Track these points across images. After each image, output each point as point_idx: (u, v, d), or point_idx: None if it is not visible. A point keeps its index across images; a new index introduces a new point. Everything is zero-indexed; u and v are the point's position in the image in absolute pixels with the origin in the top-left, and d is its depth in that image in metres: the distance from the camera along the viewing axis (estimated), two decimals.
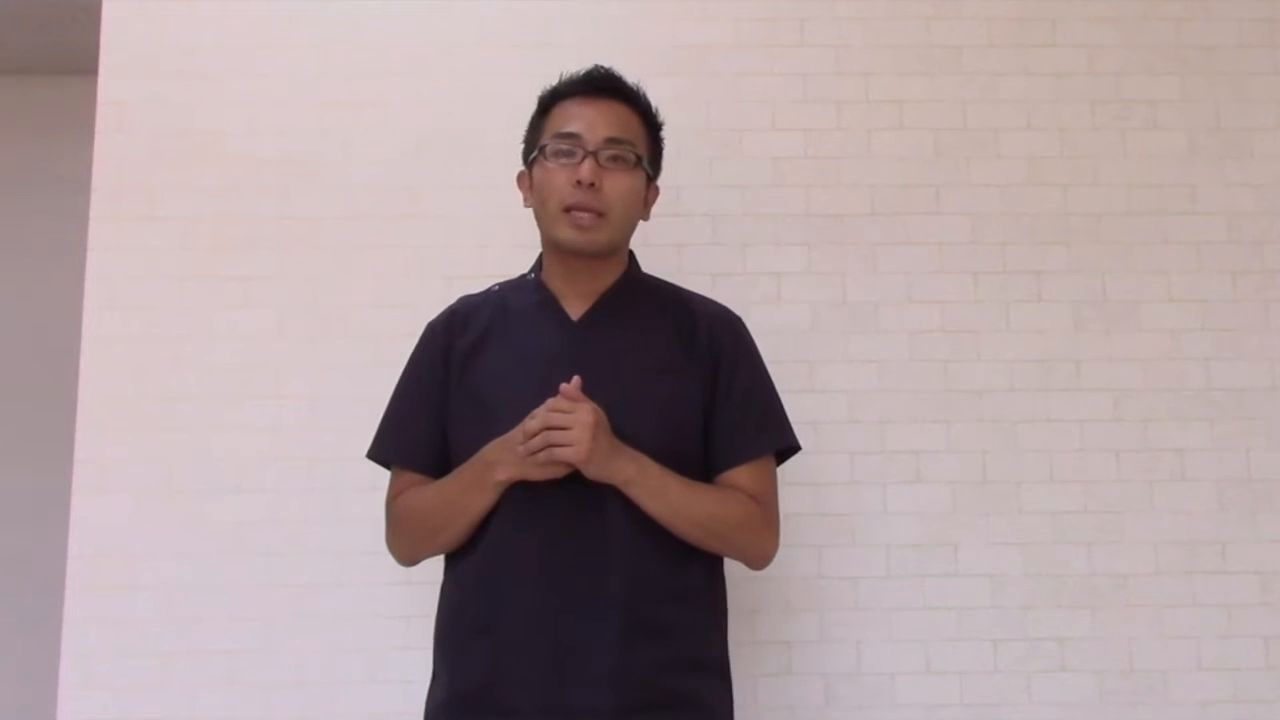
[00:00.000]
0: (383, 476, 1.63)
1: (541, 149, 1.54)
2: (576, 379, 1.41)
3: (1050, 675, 1.94)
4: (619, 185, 1.50)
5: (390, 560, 1.62)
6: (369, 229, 2.04)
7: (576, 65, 1.61)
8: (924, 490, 1.99)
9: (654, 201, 1.62)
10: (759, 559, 1.57)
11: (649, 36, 2.10)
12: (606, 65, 1.59)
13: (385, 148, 2.07)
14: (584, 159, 1.49)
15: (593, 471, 1.41)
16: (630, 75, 1.60)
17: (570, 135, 1.51)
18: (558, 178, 1.50)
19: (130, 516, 1.94)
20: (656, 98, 1.61)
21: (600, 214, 1.49)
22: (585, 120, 1.51)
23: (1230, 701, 1.94)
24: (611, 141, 1.50)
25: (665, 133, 1.63)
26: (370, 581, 1.93)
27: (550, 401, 1.41)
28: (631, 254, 1.63)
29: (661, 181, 1.63)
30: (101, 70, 2.07)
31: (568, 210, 1.50)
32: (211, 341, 2.00)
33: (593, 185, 1.48)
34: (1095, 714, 1.93)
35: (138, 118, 2.06)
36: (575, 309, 1.55)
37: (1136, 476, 2.00)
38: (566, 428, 1.38)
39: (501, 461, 1.43)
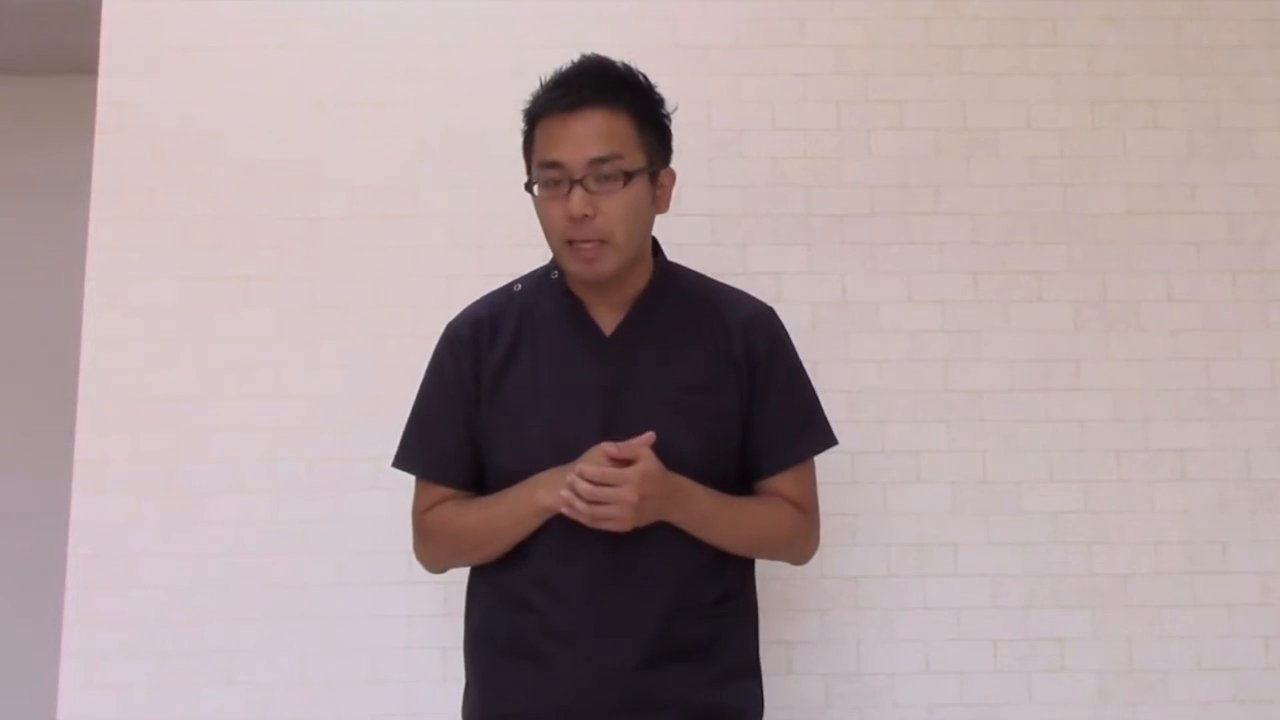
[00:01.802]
0: (384, 475, 1.63)
1: (533, 183, 1.47)
2: (645, 438, 1.37)
3: (1050, 675, 1.94)
4: (614, 207, 1.41)
5: (391, 560, 1.62)
6: (369, 229, 2.04)
7: None
8: (924, 490, 1.99)
9: (672, 186, 1.53)
10: (801, 561, 1.62)
11: (649, 36, 2.10)
12: (581, 59, 1.50)
13: (385, 148, 2.06)
14: (571, 189, 1.40)
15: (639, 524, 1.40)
16: None
17: (553, 164, 1.42)
18: (552, 211, 1.43)
19: (130, 516, 1.94)
20: None
21: (602, 241, 1.42)
22: (566, 144, 1.41)
23: (1230, 701, 1.94)
24: (596, 162, 1.40)
25: None
26: (370, 581, 1.93)
27: (600, 471, 1.35)
28: (657, 246, 1.58)
29: None
30: (101, 70, 2.07)
31: (570, 243, 1.43)
32: (211, 341, 2.00)
33: (586, 216, 1.40)
34: (1095, 714, 1.93)
35: (138, 118, 2.06)
36: (606, 320, 1.50)
37: (1136, 476, 2.00)
38: (608, 502, 1.35)
39: (551, 486, 1.40)
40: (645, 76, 1.50)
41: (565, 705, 1.40)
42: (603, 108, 1.43)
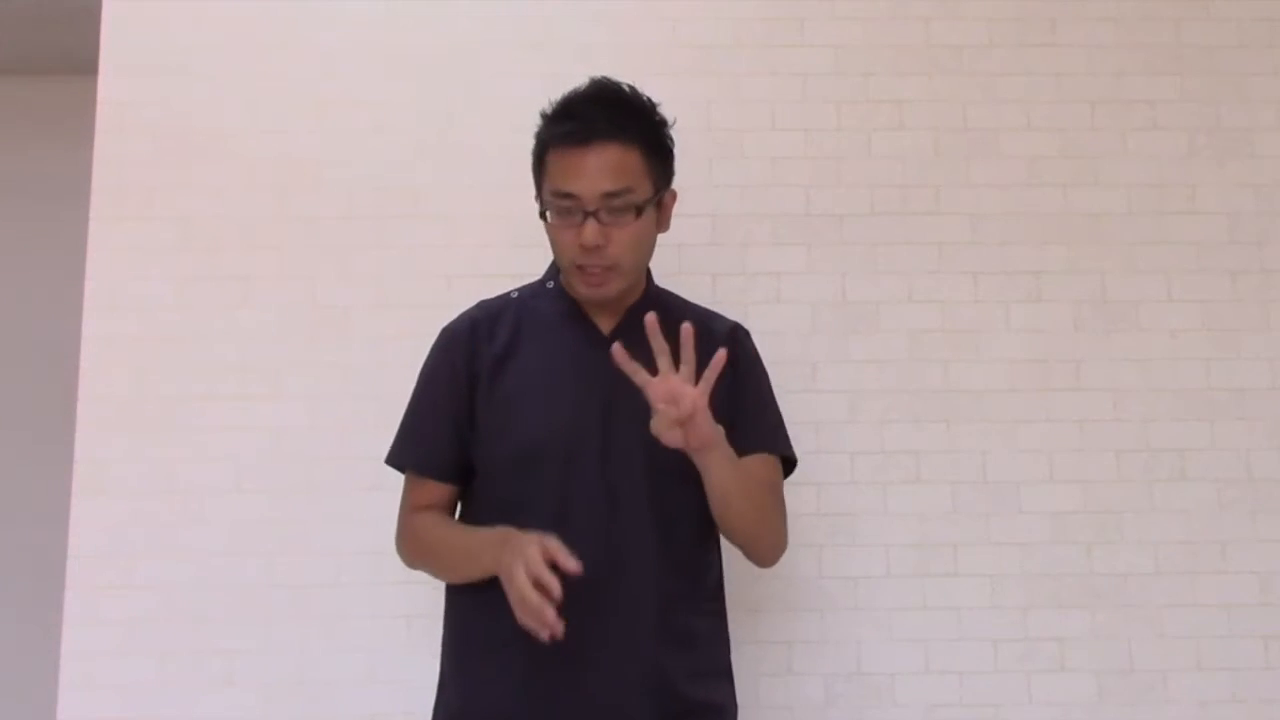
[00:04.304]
0: (384, 475, 1.63)
1: (543, 206, 1.51)
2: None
3: (1050, 675, 1.94)
4: (624, 237, 1.48)
5: (391, 560, 1.62)
6: (369, 229, 2.04)
7: (577, 65, 1.61)
8: (924, 490, 1.99)
9: (673, 204, 1.59)
10: (776, 548, 1.58)
11: (649, 36, 2.10)
12: (607, 67, 1.56)
13: (385, 148, 2.06)
14: (585, 220, 1.46)
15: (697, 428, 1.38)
16: (630, 75, 1.57)
17: (567, 195, 1.47)
18: (564, 237, 1.49)
19: (130, 516, 1.94)
20: (656, 98, 1.57)
21: (610, 268, 1.49)
22: (580, 177, 1.46)
23: (1230, 701, 1.94)
24: (609, 196, 1.46)
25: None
26: (370, 581, 1.93)
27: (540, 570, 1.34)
28: (648, 270, 1.64)
29: None
30: (101, 70, 2.07)
31: (579, 267, 1.49)
32: (211, 341, 2.00)
33: (598, 246, 1.46)
34: (1095, 714, 1.93)
35: (138, 118, 2.06)
36: (603, 322, 1.56)
37: (1136, 476, 2.00)
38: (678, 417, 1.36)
39: (512, 551, 1.39)
40: (649, 99, 1.54)
41: (560, 692, 1.41)
42: (615, 141, 1.47)
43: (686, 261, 2.02)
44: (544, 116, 1.54)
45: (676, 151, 1.58)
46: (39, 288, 3.09)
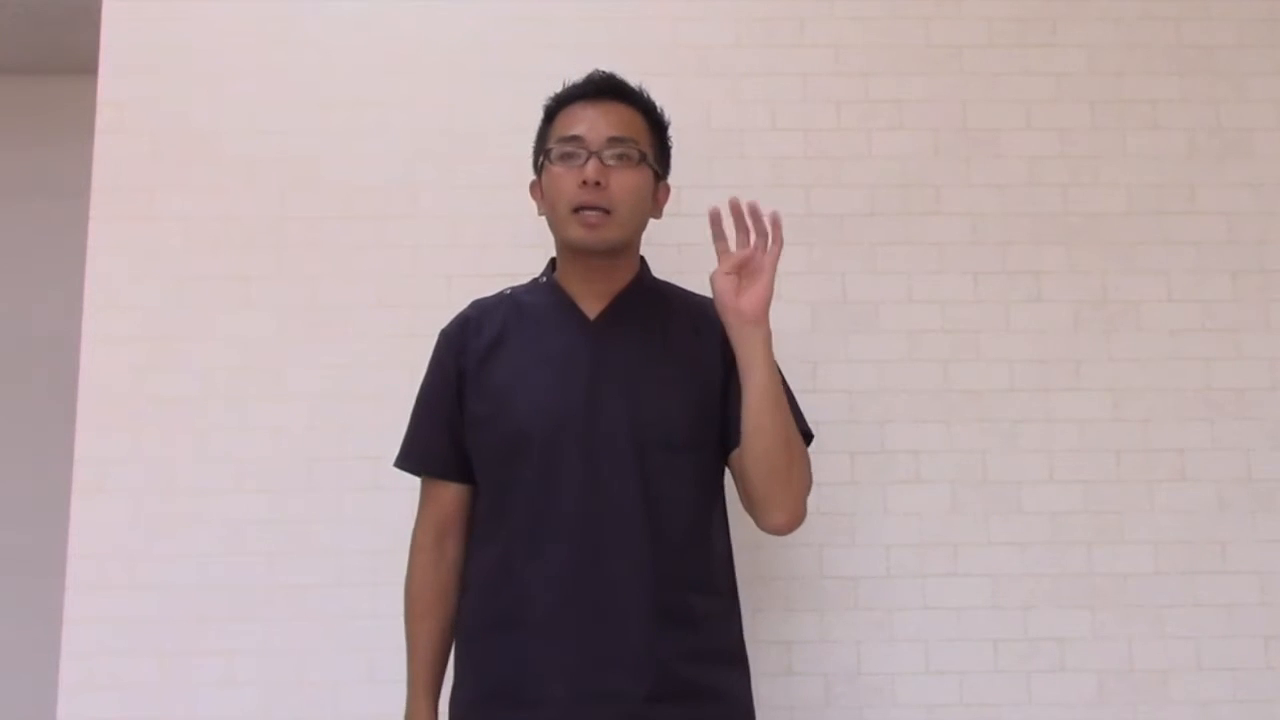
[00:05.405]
0: (384, 475, 1.64)
1: (547, 154, 1.56)
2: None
3: (1050, 675, 1.94)
4: (624, 182, 1.53)
5: (391, 560, 1.63)
6: (369, 229, 2.04)
7: (577, 65, 1.62)
8: (924, 490, 1.99)
9: (665, 200, 1.64)
10: (798, 509, 1.49)
11: (649, 36, 2.10)
12: (607, 67, 1.61)
13: (385, 148, 2.06)
14: (588, 159, 1.52)
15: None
16: (630, 75, 1.61)
17: (573, 138, 1.54)
18: (565, 180, 1.53)
19: (130, 516, 1.94)
20: (656, 98, 1.62)
21: (608, 211, 1.52)
22: (587, 122, 1.54)
23: (1230, 701, 1.94)
24: (614, 140, 1.53)
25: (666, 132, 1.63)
26: (370, 581, 1.93)
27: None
28: (643, 259, 1.66)
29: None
30: (101, 70, 2.07)
31: (577, 210, 1.52)
32: (211, 341, 2.00)
33: (599, 184, 1.50)
34: (1095, 714, 1.93)
35: (138, 118, 2.06)
36: (592, 308, 1.58)
37: (1136, 476, 2.00)
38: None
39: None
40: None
41: (558, 668, 1.42)
42: (623, 102, 1.58)
43: (686, 261, 2.02)
44: (548, 108, 1.61)
45: (676, 151, 1.61)
46: (39, 288, 3.09)
